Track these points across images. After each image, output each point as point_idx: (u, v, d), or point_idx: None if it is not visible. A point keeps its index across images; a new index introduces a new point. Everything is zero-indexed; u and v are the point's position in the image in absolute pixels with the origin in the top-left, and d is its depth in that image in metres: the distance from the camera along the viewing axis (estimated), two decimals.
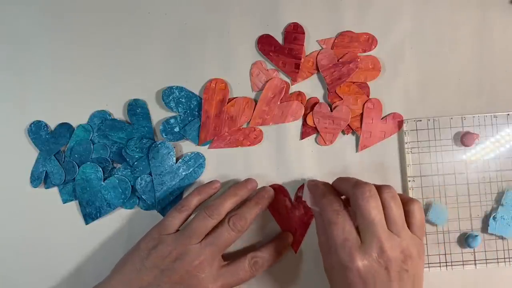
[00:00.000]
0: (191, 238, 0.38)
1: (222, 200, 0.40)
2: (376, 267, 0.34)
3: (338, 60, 0.44)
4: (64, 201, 0.44)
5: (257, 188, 0.43)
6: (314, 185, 0.40)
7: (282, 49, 0.44)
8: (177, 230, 0.40)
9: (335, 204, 0.36)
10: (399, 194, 0.37)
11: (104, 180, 0.43)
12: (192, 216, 0.40)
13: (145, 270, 0.38)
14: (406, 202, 0.37)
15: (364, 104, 0.44)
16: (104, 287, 0.38)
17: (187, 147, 0.44)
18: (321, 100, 0.45)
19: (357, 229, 0.35)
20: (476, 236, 0.42)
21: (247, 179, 0.43)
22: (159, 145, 0.43)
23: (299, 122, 0.45)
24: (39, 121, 0.44)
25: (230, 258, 0.41)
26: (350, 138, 0.45)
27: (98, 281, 0.43)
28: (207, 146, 0.44)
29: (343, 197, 0.38)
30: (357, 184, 0.36)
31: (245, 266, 0.40)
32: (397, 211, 0.36)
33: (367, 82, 0.44)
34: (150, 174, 0.43)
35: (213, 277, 0.38)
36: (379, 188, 0.36)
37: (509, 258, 0.43)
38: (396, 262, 0.34)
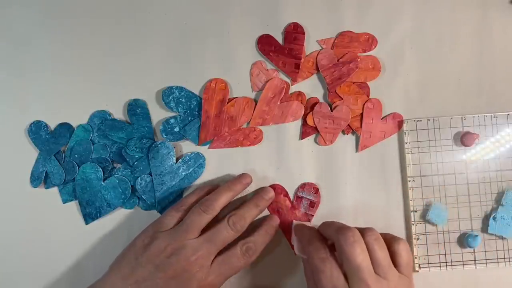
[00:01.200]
0: (187, 233, 0.38)
1: (216, 195, 0.40)
2: None
3: (338, 60, 0.44)
4: (64, 201, 0.44)
5: (251, 182, 0.43)
6: (300, 230, 0.41)
7: (282, 49, 0.44)
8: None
9: (321, 251, 0.37)
10: (382, 234, 0.37)
11: (104, 180, 0.43)
12: None
13: (140, 266, 0.38)
14: (390, 242, 0.37)
15: (364, 104, 0.44)
16: (101, 284, 0.38)
17: (187, 147, 0.44)
18: (321, 100, 0.45)
19: (344, 274, 0.35)
20: (476, 236, 0.42)
21: (241, 174, 0.43)
22: (159, 145, 0.43)
23: (299, 122, 0.45)
24: (39, 121, 0.44)
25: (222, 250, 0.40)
26: (350, 138, 0.45)
27: None
28: (207, 146, 0.44)
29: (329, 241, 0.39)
30: (341, 229, 0.36)
31: (237, 253, 0.39)
32: (382, 253, 0.36)
33: (367, 82, 0.44)
34: (150, 174, 0.43)
35: (207, 271, 0.38)
36: (362, 232, 0.37)
37: (509, 258, 0.43)
38: None
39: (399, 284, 0.35)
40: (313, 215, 0.44)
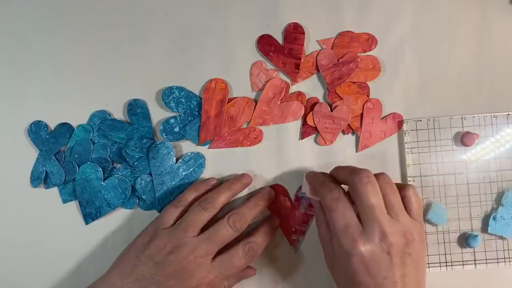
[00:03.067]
0: (187, 230, 0.38)
1: (216, 194, 0.40)
2: (379, 252, 0.34)
3: (338, 60, 0.44)
4: (64, 201, 0.44)
5: (251, 183, 0.43)
6: (312, 175, 0.40)
7: (282, 49, 0.44)
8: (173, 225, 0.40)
9: (335, 191, 0.36)
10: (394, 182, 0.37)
11: (104, 180, 0.43)
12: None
13: (140, 264, 0.38)
14: (401, 188, 0.37)
15: (364, 104, 0.44)
16: (101, 282, 0.39)
17: (187, 147, 0.44)
18: (321, 100, 0.45)
19: (357, 216, 0.35)
20: (476, 236, 0.42)
21: (241, 174, 0.43)
22: (159, 145, 0.43)
23: (299, 122, 0.45)
24: (39, 121, 0.44)
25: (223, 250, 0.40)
26: (350, 138, 0.45)
27: None
28: (207, 146, 0.44)
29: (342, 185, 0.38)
30: (355, 170, 0.36)
31: (239, 254, 0.39)
32: (394, 196, 0.36)
33: (367, 82, 0.44)
34: (150, 174, 0.43)
35: (207, 270, 0.38)
36: (375, 176, 0.37)
37: (509, 258, 0.43)
38: (398, 246, 0.34)
39: (411, 228, 0.35)
40: (312, 215, 0.44)
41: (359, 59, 0.44)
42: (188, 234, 0.38)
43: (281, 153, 0.44)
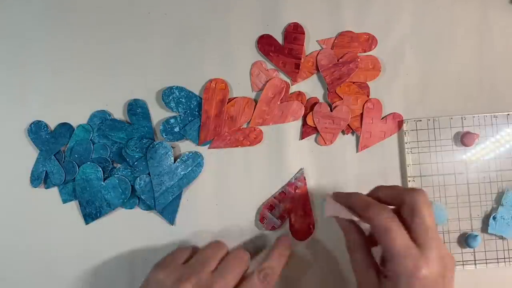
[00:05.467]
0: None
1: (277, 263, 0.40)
2: (437, 274, 0.33)
3: (338, 60, 0.44)
4: (64, 201, 0.44)
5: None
6: (348, 197, 0.38)
7: (282, 49, 0.44)
8: None
9: (387, 210, 0.35)
10: None
11: (104, 180, 0.43)
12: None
13: None
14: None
15: (364, 104, 0.44)
16: None
17: (187, 147, 0.44)
18: (321, 100, 0.45)
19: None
20: (476, 236, 0.42)
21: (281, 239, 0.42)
22: (157, 145, 0.43)
23: (299, 122, 0.45)
24: (39, 121, 0.44)
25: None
26: (350, 138, 0.45)
27: (97, 281, 0.43)
28: (207, 146, 0.44)
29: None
30: (413, 189, 0.35)
31: (255, 283, 0.38)
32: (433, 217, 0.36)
33: (367, 82, 0.44)
34: (149, 174, 0.43)
35: None
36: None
37: (509, 258, 0.43)
38: (449, 267, 0.34)
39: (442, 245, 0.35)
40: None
41: (359, 59, 0.44)
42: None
43: (281, 153, 0.44)
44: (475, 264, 0.43)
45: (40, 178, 0.44)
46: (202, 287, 0.36)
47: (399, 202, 0.36)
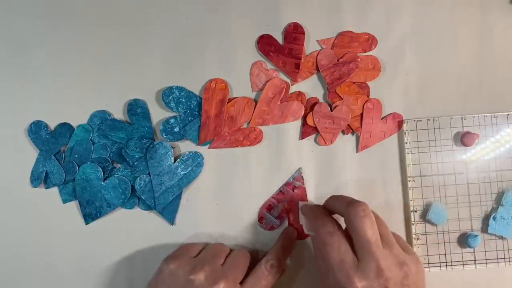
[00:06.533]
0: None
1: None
2: (375, 287, 0.33)
3: (338, 60, 0.44)
4: (64, 201, 0.44)
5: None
6: (306, 209, 0.40)
7: (282, 49, 0.44)
8: None
9: (329, 225, 0.36)
10: None
11: (104, 180, 0.43)
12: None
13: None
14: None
15: (364, 104, 0.44)
16: None
17: (187, 147, 0.44)
18: (321, 100, 0.45)
19: (353, 249, 0.35)
20: (476, 236, 0.42)
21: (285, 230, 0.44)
22: (157, 145, 0.43)
23: (299, 122, 0.45)
24: (39, 121, 0.44)
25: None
26: (350, 138, 0.45)
27: (97, 280, 0.43)
28: (207, 146, 0.44)
29: (334, 215, 0.38)
30: (351, 203, 0.36)
31: (263, 272, 0.39)
32: (385, 229, 0.36)
33: (367, 82, 0.44)
34: (149, 174, 0.43)
35: None
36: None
37: (509, 258, 0.43)
38: (395, 280, 0.33)
39: (406, 259, 0.35)
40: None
41: (359, 59, 0.44)
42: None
43: (281, 153, 0.44)
44: (475, 264, 0.43)
45: (40, 178, 0.44)
46: (215, 277, 0.37)
47: (344, 215, 0.36)
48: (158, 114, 0.44)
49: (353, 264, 0.34)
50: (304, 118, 0.44)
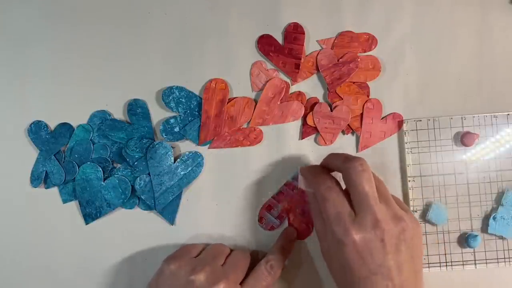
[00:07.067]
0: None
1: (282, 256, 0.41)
2: (372, 239, 0.33)
3: (338, 60, 0.44)
4: (64, 201, 0.44)
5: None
6: (305, 168, 0.40)
7: (282, 49, 0.44)
8: None
9: (327, 181, 0.37)
10: None
11: (104, 180, 0.43)
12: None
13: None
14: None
15: (364, 104, 0.44)
16: None
17: (187, 147, 0.44)
18: (321, 100, 0.45)
19: (350, 204, 0.35)
20: (476, 236, 0.42)
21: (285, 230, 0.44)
22: (157, 145, 0.43)
23: (299, 122, 0.45)
24: (39, 121, 0.44)
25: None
26: (350, 138, 0.45)
27: (97, 280, 0.43)
28: (207, 146, 0.44)
29: (333, 173, 0.39)
30: (348, 158, 0.36)
31: (263, 273, 0.40)
32: (382, 185, 0.37)
33: (367, 82, 0.44)
34: (149, 174, 0.43)
35: None
36: None
37: (509, 258, 0.43)
38: (391, 233, 0.34)
39: (403, 215, 0.35)
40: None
41: (359, 59, 0.44)
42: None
43: (281, 153, 0.44)
44: (475, 264, 0.43)
45: (40, 178, 0.44)
46: (215, 278, 0.37)
47: (341, 171, 0.37)
48: (158, 114, 0.44)
49: (349, 216, 0.34)
50: (304, 118, 0.44)
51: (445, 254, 0.43)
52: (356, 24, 0.45)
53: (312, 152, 0.44)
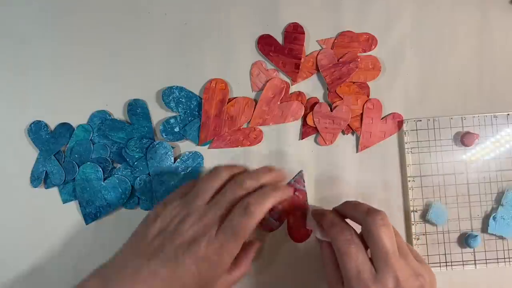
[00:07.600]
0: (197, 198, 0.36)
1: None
2: None
3: (338, 60, 0.44)
4: (64, 201, 0.44)
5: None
6: (320, 214, 0.39)
7: (282, 49, 0.44)
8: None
9: (347, 232, 0.35)
10: None
11: (104, 180, 0.43)
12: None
13: (151, 236, 0.36)
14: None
15: (364, 104, 0.44)
16: (114, 259, 0.37)
17: (187, 147, 0.44)
18: (321, 100, 0.45)
19: (369, 258, 0.34)
20: (476, 236, 0.42)
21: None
22: (157, 145, 0.43)
23: (299, 122, 0.45)
24: (39, 121, 0.44)
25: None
26: (350, 138, 0.45)
27: None
28: (207, 146, 0.44)
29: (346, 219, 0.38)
30: (370, 211, 0.35)
31: (239, 212, 0.35)
32: (400, 239, 0.35)
33: (367, 82, 0.44)
34: (149, 174, 0.43)
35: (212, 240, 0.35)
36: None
37: (509, 258, 0.43)
38: None
39: (422, 270, 0.34)
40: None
41: (359, 59, 0.44)
42: (199, 201, 0.36)
43: (281, 153, 0.44)
44: (475, 264, 0.43)
45: (40, 178, 0.44)
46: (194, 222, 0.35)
47: (360, 223, 0.36)
48: (158, 114, 0.44)
49: (371, 275, 0.33)
50: (304, 118, 0.44)
51: (445, 254, 0.43)
52: (356, 24, 0.45)
53: (312, 152, 0.44)
